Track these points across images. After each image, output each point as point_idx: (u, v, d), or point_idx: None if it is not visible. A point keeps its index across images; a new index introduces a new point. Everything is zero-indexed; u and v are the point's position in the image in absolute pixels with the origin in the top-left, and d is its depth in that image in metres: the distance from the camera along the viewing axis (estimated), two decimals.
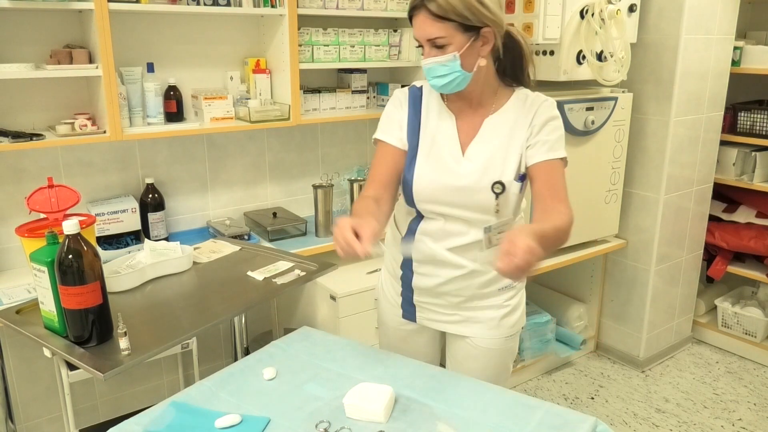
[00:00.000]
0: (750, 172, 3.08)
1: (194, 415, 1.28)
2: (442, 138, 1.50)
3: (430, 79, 1.42)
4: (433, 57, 1.38)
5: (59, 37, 2.16)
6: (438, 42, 1.36)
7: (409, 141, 1.52)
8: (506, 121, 1.48)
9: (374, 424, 1.23)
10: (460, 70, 1.38)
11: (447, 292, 1.58)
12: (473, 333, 1.62)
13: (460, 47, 1.36)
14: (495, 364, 1.65)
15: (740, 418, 2.74)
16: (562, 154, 1.47)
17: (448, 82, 1.40)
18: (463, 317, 1.62)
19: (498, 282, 1.57)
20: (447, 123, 1.51)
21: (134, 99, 2.24)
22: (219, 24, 2.48)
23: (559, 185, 1.45)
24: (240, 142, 2.66)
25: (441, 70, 1.39)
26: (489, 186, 1.45)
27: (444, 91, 1.45)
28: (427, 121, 1.52)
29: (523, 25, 2.48)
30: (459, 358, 1.68)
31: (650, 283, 3.01)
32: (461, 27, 1.35)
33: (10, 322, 1.64)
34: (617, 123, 2.77)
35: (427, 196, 1.50)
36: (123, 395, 2.57)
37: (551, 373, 3.11)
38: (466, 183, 1.46)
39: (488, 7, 1.35)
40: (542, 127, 1.46)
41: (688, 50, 2.73)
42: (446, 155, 1.49)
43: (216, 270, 2.00)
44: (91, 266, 1.44)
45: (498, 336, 1.62)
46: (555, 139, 1.46)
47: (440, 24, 1.34)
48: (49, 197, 1.88)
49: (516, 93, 1.51)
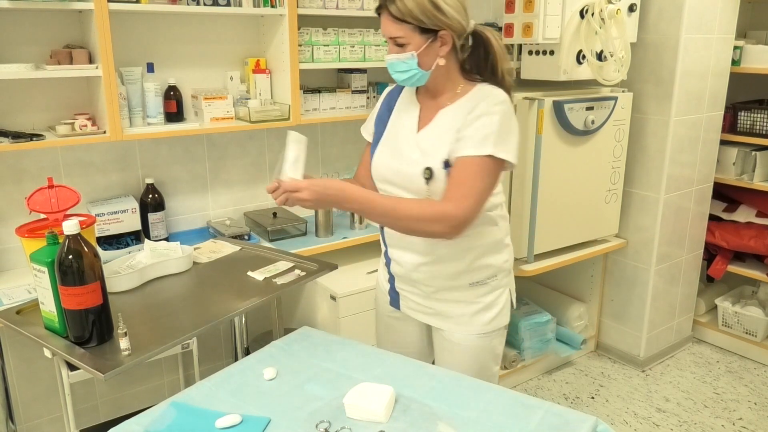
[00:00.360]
0: (750, 172, 3.07)
1: (195, 415, 1.28)
2: (402, 125, 1.61)
3: (392, 73, 1.53)
4: (395, 54, 1.49)
5: (59, 37, 2.16)
6: (398, 41, 1.47)
7: (376, 130, 1.68)
8: (454, 113, 1.53)
9: (375, 424, 1.23)
10: (417, 68, 1.48)
11: (419, 281, 1.65)
12: (446, 327, 1.67)
13: (418, 47, 1.46)
14: (470, 361, 1.67)
15: (741, 418, 2.74)
16: (487, 152, 1.43)
17: (407, 77, 1.51)
18: (436, 310, 1.67)
19: (468, 276, 1.61)
20: (411, 112, 1.61)
21: (134, 99, 2.24)
22: (219, 24, 2.48)
23: (464, 182, 1.45)
24: (240, 142, 2.66)
25: (401, 66, 1.50)
26: (421, 171, 1.51)
27: (405, 84, 1.57)
28: (399, 112, 1.64)
29: (522, 25, 2.48)
30: (438, 352, 1.74)
31: (650, 283, 3.01)
32: (418, 29, 1.45)
33: (10, 323, 1.64)
34: (617, 123, 2.77)
35: (379, 176, 1.62)
36: (123, 395, 2.57)
37: (552, 373, 3.11)
38: (406, 166, 1.54)
39: (444, 12, 1.43)
40: (474, 121, 1.46)
41: (688, 50, 2.73)
42: (402, 141, 1.59)
43: (216, 270, 2.00)
44: (92, 266, 1.44)
45: (470, 332, 1.65)
46: (483, 135, 1.44)
47: (399, 25, 1.45)
48: (49, 197, 1.88)
49: (477, 87, 1.54)
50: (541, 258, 2.73)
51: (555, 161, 2.58)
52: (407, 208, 1.46)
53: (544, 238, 2.67)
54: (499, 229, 1.63)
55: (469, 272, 1.61)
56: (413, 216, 1.44)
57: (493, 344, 1.69)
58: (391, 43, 1.49)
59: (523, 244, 2.63)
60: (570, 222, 2.76)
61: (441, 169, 1.49)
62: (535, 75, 2.64)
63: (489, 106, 1.47)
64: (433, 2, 1.42)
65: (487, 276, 1.63)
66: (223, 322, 1.75)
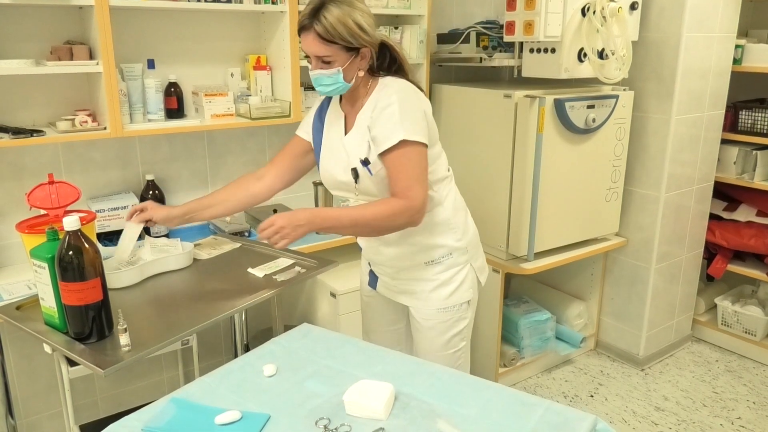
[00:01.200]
0: (751, 171, 3.07)
1: (194, 411, 1.28)
2: (333, 134, 1.73)
3: (317, 86, 1.63)
4: (320, 70, 1.59)
5: (60, 33, 2.16)
6: (324, 59, 1.57)
7: (314, 140, 1.78)
8: (365, 112, 1.65)
9: (374, 421, 1.23)
10: (342, 81, 1.60)
11: (382, 263, 1.82)
12: (410, 303, 1.82)
13: (343, 63, 1.57)
14: (435, 337, 1.80)
15: (739, 417, 2.74)
16: (395, 140, 1.54)
17: (331, 89, 1.62)
18: (401, 289, 1.82)
19: (422, 256, 1.74)
20: (338, 121, 1.73)
21: (135, 95, 2.24)
22: (220, 20, 2.48)
23: (401, 176, 1.56)
24: (240, 139, 2.66)
25: (326, 80, 1.60)
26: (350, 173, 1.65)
27: (328, 94, 1.68)
28: (330, 123, 1.75)
29: (524, 23, 2.47)
30: (412, 332, 1.87)
31: (650, 282, 3.01)
32: (344, 48, 1.55)
33: (10, 318, 1.65)
34: (618, 121, 2.76)
35: (328, 184, 1.76)
36: (123, 391, 2.58)
37: (551, 371, 3.12)
38: (341, 171, 1.67)
39: (367, 32, 1.57)
40: (378, 117, 1.59)
41: (689, 48, 2.72)
42: (335, 148, 1.70)
43: (216, 267, 2.00)
44: (92, 262, 1.44)
45: (430, 308, 1.78)
46: (390, 127, 1.56)
47: (326, 45, 1.54)
48: (50, 193, 1.88)
49: (379, 83, 1.66)
50: (541, 256, 2.74)
51: (556, 159, 2.58)
52: (367, 213, 1.57)
53: (544, 236, 2.67)
54: (444, 209, 1.73)
55: (422, 252, 1.74)
56: (376, 217, 1.56)
57: (454, 319, 1.79)
58: (315, 60, 1.58)
59: (523, 242, 2.63)
60: (570, 220, 2.76)
61: (362, 167, 1.63)
62: (536, 73, 2.63)
63: (386, 98, 1.59)
64: (358, 24, 1.54)
65: (441, 255, 1.75)
66: (223, 319, 1.75)
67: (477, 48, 2.83)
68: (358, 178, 1.64)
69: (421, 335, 1.83)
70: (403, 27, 2.69)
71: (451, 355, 1.82)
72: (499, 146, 2.61)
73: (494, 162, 2.65)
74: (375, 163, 1.61)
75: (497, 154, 2.63)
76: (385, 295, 1.90)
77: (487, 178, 2.69)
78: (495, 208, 2.68)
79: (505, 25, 2.57)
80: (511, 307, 3.05)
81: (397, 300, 1.87)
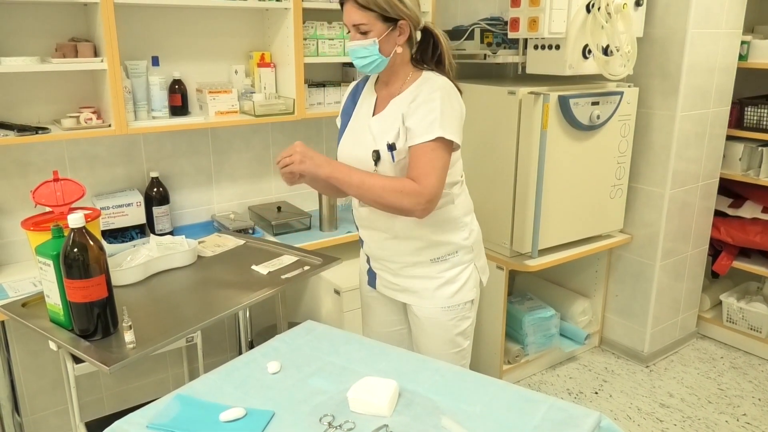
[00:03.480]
0: (756, 168, 3.06)
1: (199, 408, 1.28)
2: (361, 114, 1.73)
3: (354, 59, 1.63)
4: (357, 41, 1.59)
5: (64, 30, 2.16)
6: (361, 28, 1.58)
7: (342, 121, 1.79)
8: (402, 100, 1.65)
9: (378, 418, 1.23)
10: (378, 54, 1.59)
11: (385, 257, 1.79)
12: (413, 302, 1.80)
13: (380, 34, 1.58)
14: (438, 336, 1.78)
15: (745, 414, 2.74)
16: (432, 136, 1.56)
17: (367, 63, 1.61)
18: (403, 287, 1.80)
19: (428, 253, 1.73)
20: (369, 101, 1.73)
21: (139, 93, 2.24)
22: (224, 17, 2.48)
23: (420, 166, 1.57)
24: (244, 136, 2.66)
25: (362, 52, 1.60)
26: (371, 154, 1.64)
27: (365, 71, 1.66)
28: (361, 103, 1.76)
29: (528, 20, 2.47)
30: (413, 330, 1.85)
31: (655, 278, 3.00)
32: (381, 17, 1.56)
33: (16, 315, 1.65)
34: (623, 118, 2.75)
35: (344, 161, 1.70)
36: (128, 388, 2.59)
37: (555, 368, 3.11)
38: (361, 150, 1.66)
39: (405, 3, 1.58)
40: (417, 109, 1.59)
41: (695, 45, 2.71)
42: (360, 127, 1.71)
43: (220, 264, 2.00)
44: (97, 260, 1.45)
45: (433, 306, 1.76)
46: (430, 121, 1.57)
47: (363, 12, 1.55)
48: (55, 191, 1.89)
49: (422, 76, 1.66)
50: (545, 253, 2.73)
51: (560, 156, 2.57)
52: (377, 180, 1.58)
53: (548, 233, 2.66)
54: (455, 207, 1.74)
55: (429, 248, 1.73)
56: (384, 187, 1.56)
57: (458, 318, 1.78)
58: (353, 30, 1.59)
59: (527, 239, 2.62)
60: (575, 217, 2.76)
61: (386, 151, 1.62)
62: (540, 69, 2.62)
63: (428, 93, 1.60)
64: None
65: (447, 252, 1.74)
66: (228, 316, 1.76)
67: (481, 45, 2.82)
68: (378, 162, 1.63)
69: (424, 334, 1.81)
70: None
71: (454, 355, 1.81)
72: (503, 143, 2.60)
73: (498, 159, 2.64)
74: (400, 151, 1.61)
75: (501, 150, 2.62)
76: (385, 293, 1.87)
77: (492, 175, 2.69)
78: (499, 205, 2.68)
79: (510, 22, 2.57)
80: (515, 304, 3.05)
81: (398, 298, 1.84)
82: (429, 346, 1.80)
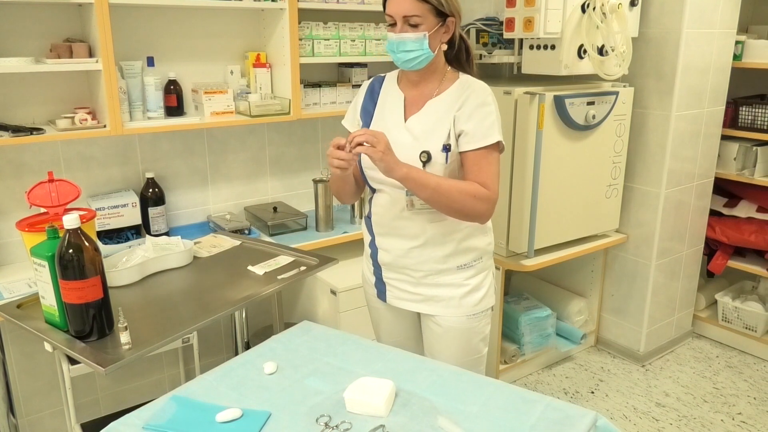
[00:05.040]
0: (751, 167, 3.07)
1: (195, 409, 1.28)
2: (390, 114, 1.66)
3: (397, 53, 1.56)
4: (406, 33, 1.53)
5: (59, 30, 2.16)
6: (413, 20, 1.52)
7: (362, 120, 1.70)
8: (443, 104, 1.61)
9: (375, 418, 1.23)
10: (427, 49, 1.54)
11: (407, 266, 1.70)
12: (436, 312, 1.72)
13: (430, 29, 1.53)
14: (461, 344, 1.73)
15: (740, 412, 2.74)
16: (493, 140, 1.57)
17: (412, 57, 1.55)
18: (426, 296, 1.71)
19: (456, 260, 1.68)
20: (396, 100, 1.67)
21: (134, 93, 2.24)
22: (219, 18, 2.47)
23: (484, 171, 1.57)
24: (240, 136, 2.65)
25: (410, 45, 1.54)
26: (417, 155, 1.58)
27: (406, 66, 1.58)
28: (383, 103, 1.69)
29: (524, 20, 2.47)
30: (430, 340, 1.78)
31: (651, 278, 3.01)
32: (435, 11, 1.52)
33: (11, 317, 1.65)
34: (618, 117, 2.76)
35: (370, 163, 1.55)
36: (124, 389, 2.58)
37: (552, 368, 3.12)
38: (400, 150, 1.55)
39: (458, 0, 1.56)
40: (472, 113, 1.57)
41: (689, 44, 2.72)
42: (391, 129, 1.61)
43: (216, 264, 2.00)
44: (92, 261, 1.44)
45: (460, 314, 1.70)
46: (487, 126, 1.56)
47: (419, 4, 1.50)
48: (50, 192, 1.88)
49: (460, 79, 1.64)
50: (541, 253, 2.73)
51: (555, 156, 2.58)
52: (454, 184, 1.54)
53: (544, 233, 2.67)
54: None
55: (456, 255, 1.67)
56: (461, 191, 1.53)
57: (481, 325, 1.75)
58: (401, 22, 1.53)
59: (523, 239, 2.63)
60: (570, 217, 2.76)
61: (440, 152, 1.57)
62: (536, 69, 2.63)
63: (483, 98, 1.59)
64: None
65: (473, 258, 1.70)
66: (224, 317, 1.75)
67: (477, 45, 2.83)
68: (428, 162, 1.57)
69: (445, 342, 1.73)
70: None
71: (474, 361, 1.76)
72: None
73: None
74: (453, 153, 1.58)
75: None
76: (398, 305, 1.77)
77: None
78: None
79: (505, 22, 2.57)
80: (511, 304, 3.05)
81: (416, 309, 1.74)
82: (448, 354, 1.73)
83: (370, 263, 1.81)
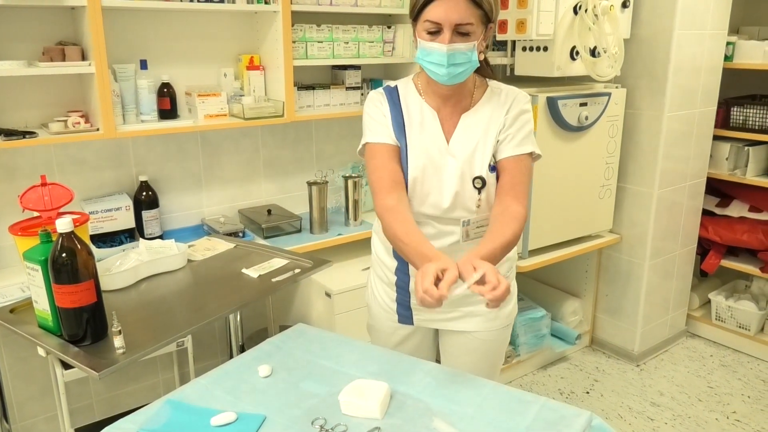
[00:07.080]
0: (743, 167, 3.09)
1: (190, 413, 1.28)
2: (428, 135, 1.50)
3: (447, 67, 1.37)
4: (457, 44, 1.35)
5: (52, 34, 2.15)
6: (464, 29, 1.35)
7: (397, 138, 1.51)
8: (482, 116, 1.50)
9: (370, 420, 1.23)
10: (475, 60, 1.40)
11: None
12: (472, 327, 1.64)
13: (478, 38, 1.38)
14: (491, 355, 1.70)
15: (734, 411, 2.76)
16: (530, 149, 1.49)
17: (461, 71, 1.39)
18: (463, 312, 1.63)
19: None
20: (429, 119, 1.51)
21: (127, 96, 2.23)
22: (213, 20, 2.47)
23: (521, 182, 1.48)
24: (234, 139, 2.65)
25: (460, 57, 1.37)
26: (463, 180, 1.48)
27: (454, 81, 1.42)
28: (410, 119, 1.51)
29: (516, 21, 2.48)
30: (455, 353, 1.71)
31: (644, 278, 3.02)
32: (484, 18, 1.37)
33: (4, 322, 1.64)
34: (611, 118, 2.77)
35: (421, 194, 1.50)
36: (118, 394, 2.57)
37: (546, 368, 3.12)
38: (446, 178, 1.47)
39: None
40: (514, 120, 1.49)
41: (681, 45, 2.73)
42: (434, 152, 1.49)
43: (211, 267, 2.00)
44: (85, 265, 1.44)
45: (495, 327, 1.66)
46: (525, 133, 1.49)
47: (474, 10, 1.34)
48: (43, 195, 1.87)
49: (490, 87, 1.54)
50: (535, 254, 2.74)
51: (549, 157, 2.58)
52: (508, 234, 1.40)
53: (538, 233, 2.68)
54: None
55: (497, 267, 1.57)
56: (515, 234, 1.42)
57: (508, 335, 1.73)
58: (449, 31, 1.34)
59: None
60: (564, 218, 2.77)
61: (490, 174, 1.48)
62: (528, 71, 2.64)
63: (522, 103, 1.50)
64: None
65: (507, 269, 1.65)
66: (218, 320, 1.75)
67: None
68: (483, 188, 1.46)
69: (475, 355, 1.66)
70: (396, 26, 2.69)
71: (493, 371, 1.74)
72: None
73: None
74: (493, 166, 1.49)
75: None
76: (428, 326, 1.68)
77: None
78: None
79: (497, 24, 2.58)
80: None
81: (450, 328, 1.65)
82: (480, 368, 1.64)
83: (391, 291, 1.66)
